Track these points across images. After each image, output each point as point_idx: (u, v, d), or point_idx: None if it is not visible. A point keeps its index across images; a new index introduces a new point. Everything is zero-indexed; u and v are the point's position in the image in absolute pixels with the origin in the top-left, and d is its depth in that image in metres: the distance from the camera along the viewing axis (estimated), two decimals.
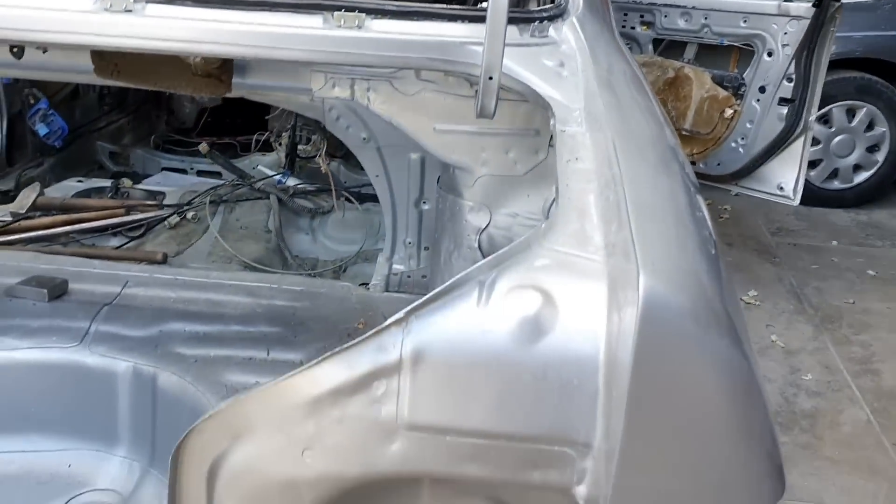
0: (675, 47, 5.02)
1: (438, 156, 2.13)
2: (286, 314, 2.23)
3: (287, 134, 3.65)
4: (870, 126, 5.97)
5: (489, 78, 1.39)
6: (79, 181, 3.48)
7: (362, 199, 3.36)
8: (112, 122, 4.08)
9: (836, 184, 6.14)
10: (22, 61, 1.96)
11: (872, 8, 6.07)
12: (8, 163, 3.44)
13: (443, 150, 2.11)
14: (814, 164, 5.96)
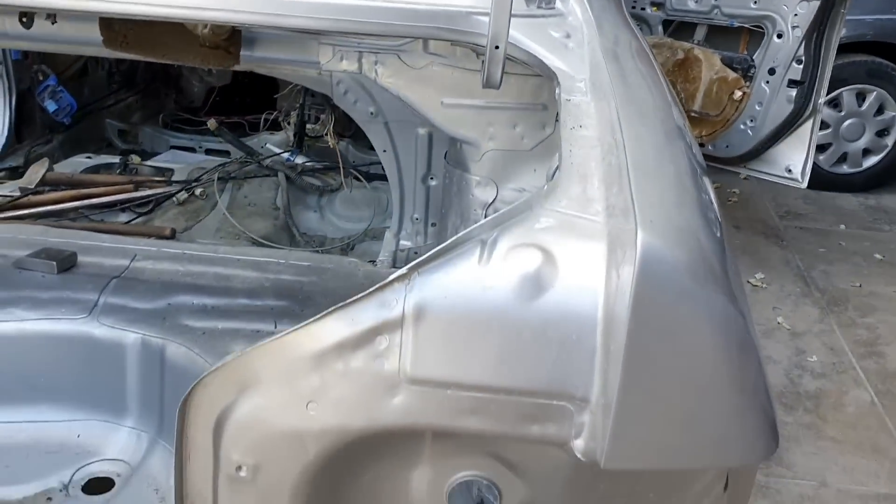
0: (685, 29, 5.01)
1: (445, 130, 2.14)
2: (293, 288, 2.24)
3: (296, 113, 3.65)
4: (880, 110, 5.93)
5: (495, 47, 1.39)
6: (87, 157, 3.49)
7: (370, 178, 3.37)
8: (121, 100, 4.08)
9: (845, 168, 6.10)
10: (31, 32, 1.96)
11: None
12: (17, 139, 3.43)
13: (450, 125, 2.12)
14: (823, 147, 5.93)
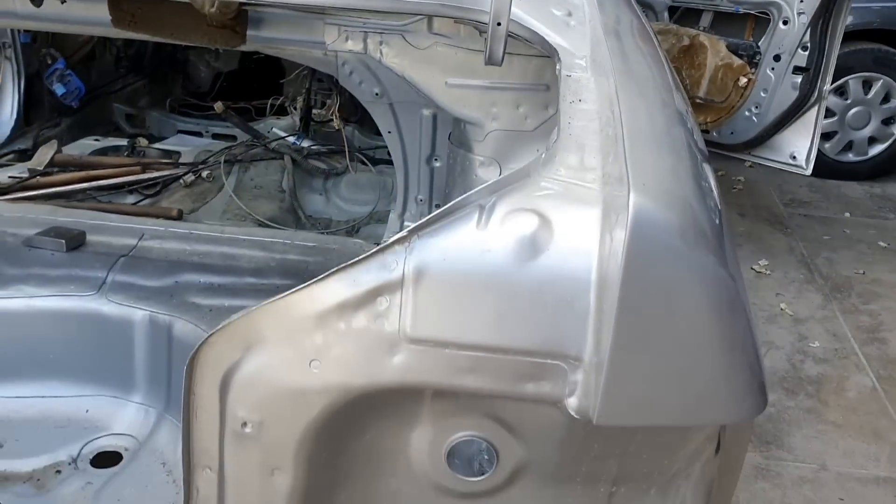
0: (691, 15, 5.01)
1: (449, 110, 2.16)
2: (299, 268, 2.26)
3: (302, 98, 3.67)
4: (886, 98, 5.91)
5: (497, 24, 1.41)
6: (95, 140, 3.52)
7: (375, 162, 3.39)
8: (128, 85, 4.10)
9: (851, 156, 6.10)
10: (40, 12, 1.98)
11: None
12: (26, 122, 3.47)
13: (454, 105, 2.14)
14: (828, 136, 5.93)
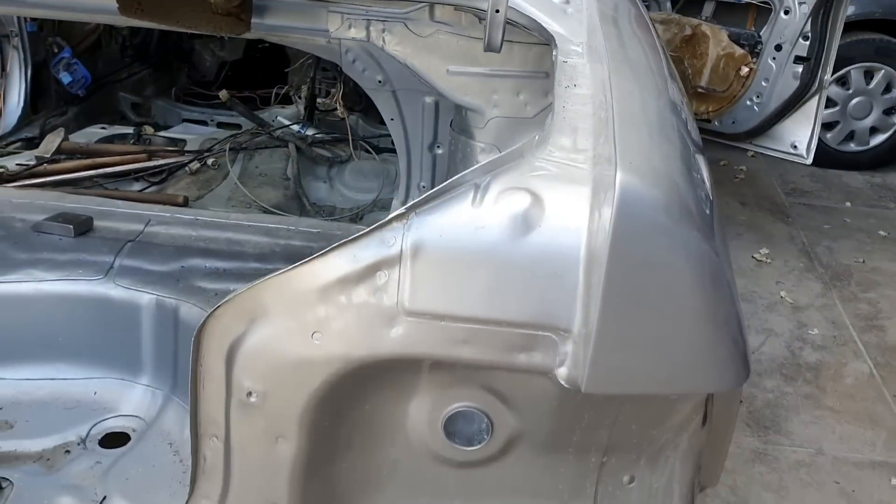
0: (693, 5, 5.02)
1: (451, 97, 2.20)
2: (303, 254, 2.26)
3: (306, 87, 3.71)
4: (887, 88, 5.90)
5: (496, 11, 1.45)
6: (102, 128, 3.56)
7: (379, 150, 3.42)
8: (134, 74, 4.14)
9: (852, 146, 6.10)
10: None
11: None
12: (32, 110, 3.50)
13: (455, 92, 2.17)
14: (830, 126, 5.94)
